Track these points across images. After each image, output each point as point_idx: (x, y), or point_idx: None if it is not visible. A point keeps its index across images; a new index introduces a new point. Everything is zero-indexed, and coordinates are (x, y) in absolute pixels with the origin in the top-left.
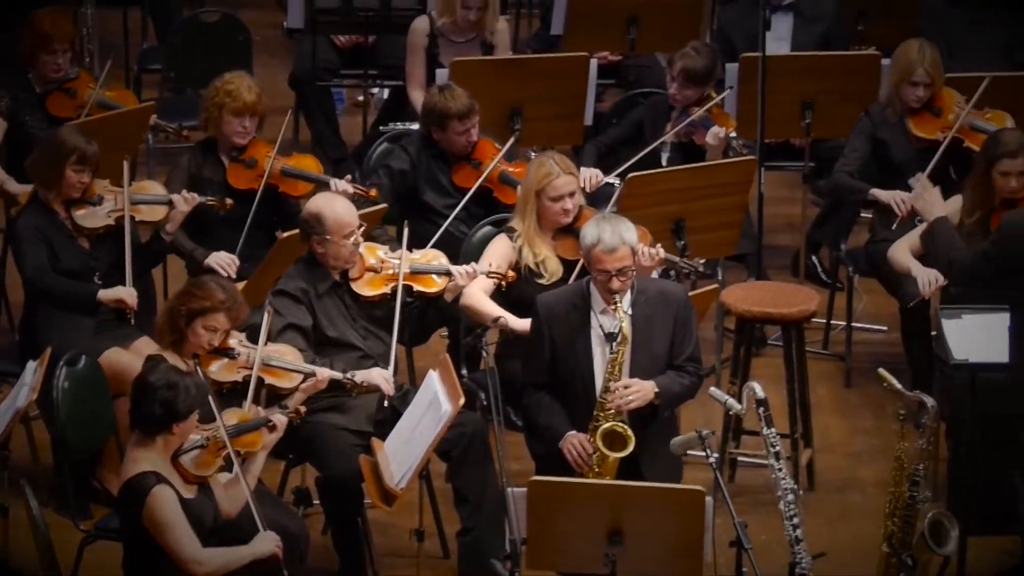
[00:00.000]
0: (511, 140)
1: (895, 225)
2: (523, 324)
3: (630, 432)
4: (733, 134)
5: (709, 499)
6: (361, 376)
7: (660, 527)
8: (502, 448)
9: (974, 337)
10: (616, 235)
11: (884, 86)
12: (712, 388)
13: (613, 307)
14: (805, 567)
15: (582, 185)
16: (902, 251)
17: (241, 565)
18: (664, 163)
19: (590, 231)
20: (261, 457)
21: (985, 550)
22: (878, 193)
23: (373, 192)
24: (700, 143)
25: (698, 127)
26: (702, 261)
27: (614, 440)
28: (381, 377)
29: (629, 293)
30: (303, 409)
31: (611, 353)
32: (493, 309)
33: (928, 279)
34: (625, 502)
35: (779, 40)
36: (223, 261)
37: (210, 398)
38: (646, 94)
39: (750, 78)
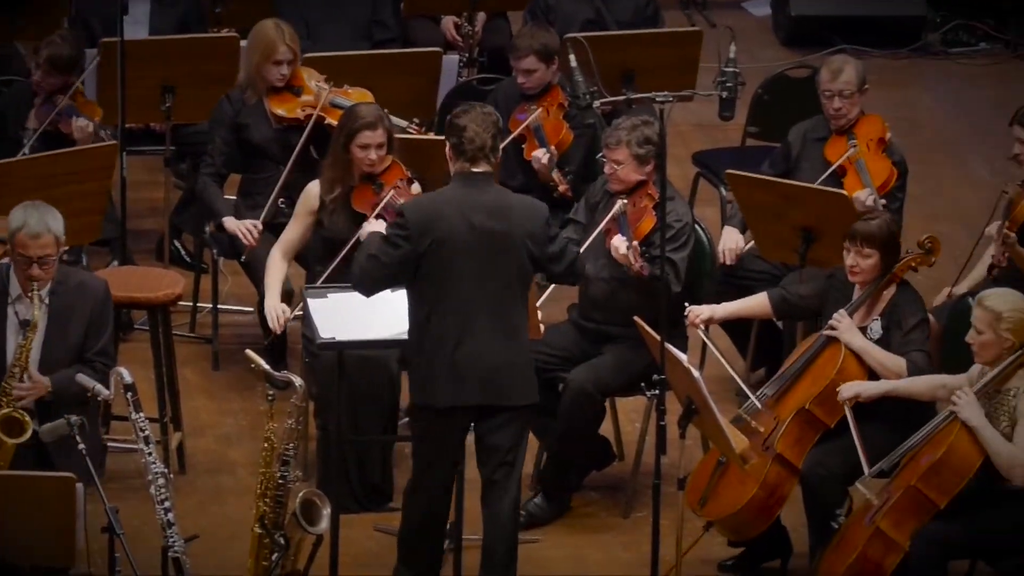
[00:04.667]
0: None
1: None
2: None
3: (28, 419)
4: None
5: (80, 486)
6: None
7: (30, 515)
8: None
9: (340, 316)
10: (42, 222)
11: (243, 68)
12: (79, 375)
13: (30, 294)
14: (178, 550)
15: None
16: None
17: None
18: (27, 151)
19: (17, 215)
20: None
21: (358, 528)
22: (228, 224)
23: None
24: (67, 132)
25: (64, 116)
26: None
27: (12, 427)
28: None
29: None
30: None
31: (22, 340)
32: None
33: (273, 312)
34: None
35: (136, 24)
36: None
37: None
38: (5, 82)
39: (110, 63)
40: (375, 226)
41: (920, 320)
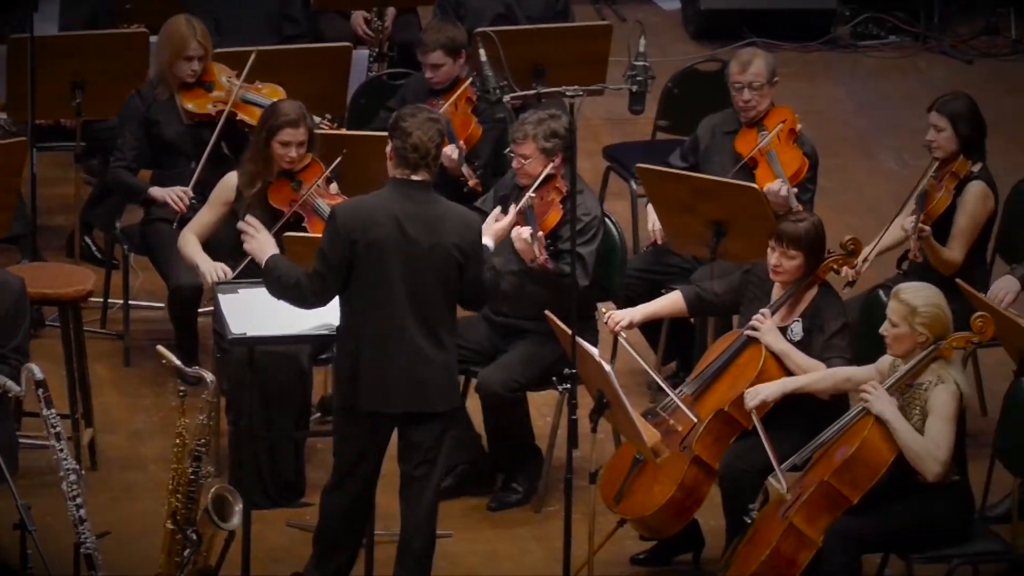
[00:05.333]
0: None
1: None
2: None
3: None
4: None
5: None
6: None
7: None
8: None
9: (250, 311)
10: None
11: (154, 64)
12: None
13: None
14: (90, 547)
15: None
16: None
17: None
18: None
19: None
20: None
21: (270, 523)
22: (154, 192)
23: None
24: None
25: None
26: None
27: None
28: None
29: None
30: None
31: None
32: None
33: (212, 271)
34: None
35: (47, 20)
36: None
37: None
38: None
39: (19, 59)
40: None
41: (842, 325)
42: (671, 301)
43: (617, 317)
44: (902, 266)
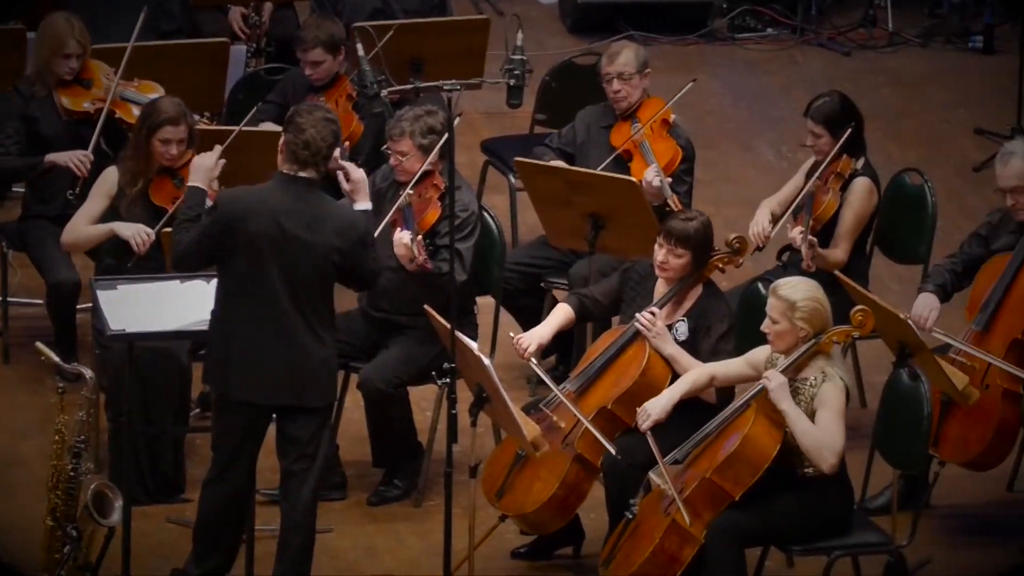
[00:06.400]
0: None
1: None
2: None
3: None
4: None
5: None
6: None
7: None
8: None
9: (129, 307)
10: None
11: (32, 61)
12: None
13: None
14: None
15: None
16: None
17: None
18: None
19: None
20: None
21: (150, 519)
22: (54, 157)
23: None
24: None
25: None
26: None
27: None
28: None
29: None
30: None
31: None
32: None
33: (136, 233)
34: None
35: None
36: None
37: None
38: None
39: None
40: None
41: (728, 327)
42: (563, 313)
43: (525, 343)
44: (782, 258)
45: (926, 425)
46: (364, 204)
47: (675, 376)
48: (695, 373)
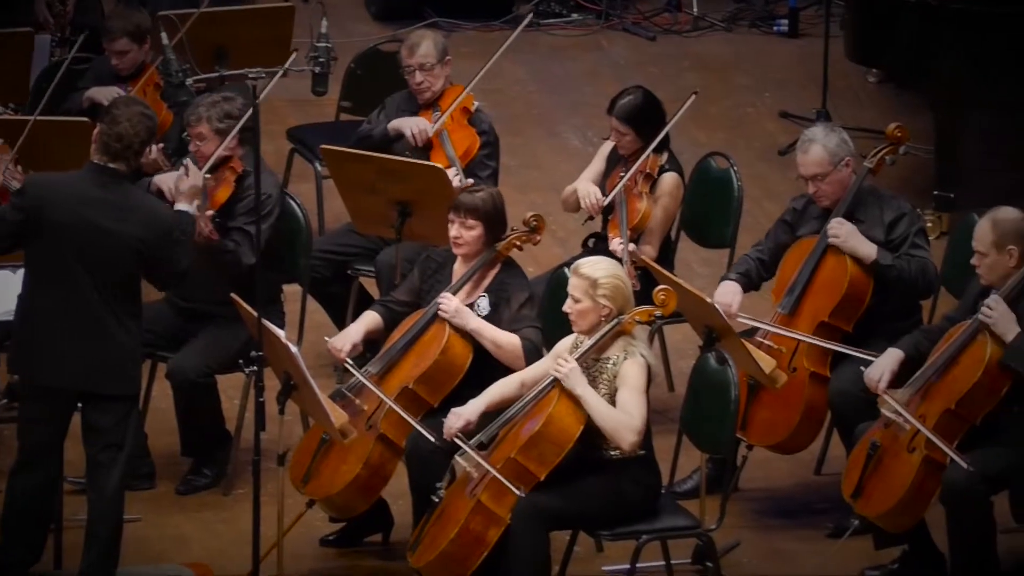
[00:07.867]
0: None
1: None
2: None
3: None
4: None
5: None
6: None
7: None
8: None
9: None
10: None
11: None
12: None
13: None
14: None
15: None
16: None
17: None
18: None
19: None
20: None
21: None
22: None
23: None
24: None
25: None
26: None
27: None
28: None
29: None
30: None
31: None
32: None
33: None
34: None
35: None
36: None
37: None
38: None
39: None
40: None
41: (528, 297)
42: (371, 318)
43: (339, 344)
44: (588, 243)
45: (733, 409)
46: (183, 206)
47: (478, 354)
48: (502, 383)
